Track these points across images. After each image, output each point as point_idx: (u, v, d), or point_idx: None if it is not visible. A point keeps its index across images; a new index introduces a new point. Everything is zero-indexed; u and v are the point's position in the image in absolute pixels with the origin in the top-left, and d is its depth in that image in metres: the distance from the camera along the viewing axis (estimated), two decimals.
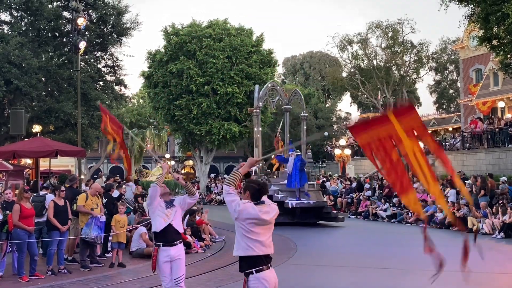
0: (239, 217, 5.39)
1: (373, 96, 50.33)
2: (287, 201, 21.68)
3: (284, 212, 21.11)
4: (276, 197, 21.60)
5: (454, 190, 23.09)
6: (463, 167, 28.11)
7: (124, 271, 12.03)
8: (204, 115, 41.95)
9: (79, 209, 12.17)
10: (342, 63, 52.59)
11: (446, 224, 20.75)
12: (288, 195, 22.16)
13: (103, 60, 32.29)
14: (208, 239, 16.34)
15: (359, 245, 17.07)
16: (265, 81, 43.82)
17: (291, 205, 21.54)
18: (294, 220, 21.74)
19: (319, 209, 22.38)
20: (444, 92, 66.30)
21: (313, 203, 22.06)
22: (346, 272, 12.39)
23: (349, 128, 5.42)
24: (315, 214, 22.53)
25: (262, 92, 24.49)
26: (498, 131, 28.57)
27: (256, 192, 5.61)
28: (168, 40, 42.91)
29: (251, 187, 5.63)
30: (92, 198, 12.36)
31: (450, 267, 4.88)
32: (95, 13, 30.50)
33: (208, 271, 12.08)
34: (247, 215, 5.38)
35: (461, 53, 44.87)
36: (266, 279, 5.31)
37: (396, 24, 47.31)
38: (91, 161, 62.80)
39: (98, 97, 29.98)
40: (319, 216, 22.69)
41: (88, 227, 11.97)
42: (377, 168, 4.93)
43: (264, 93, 24.68)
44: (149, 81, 44.10)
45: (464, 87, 44.17)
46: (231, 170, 5.83)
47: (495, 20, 19.75)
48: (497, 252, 15.18)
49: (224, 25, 43.92)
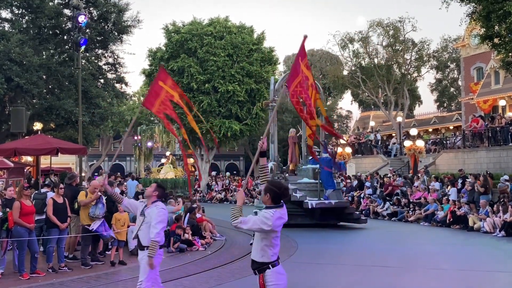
0: (272, 230, 5.43)
1: (374, 94, 50.27)
2: (307, 200, 20.09)
3: (303, 213, 20.31)
4: (295, 197, 20.02)
5: (455, 189, 23.10)
6: (464, 165, 28.08)
7: (125, 269, 12.03)
8: (205, 113, 41.94)
9: (81, 203, 12.15)
10: (343, 61, 52.48)
11: (446, 223, 20.75)
12: (308, 194, 20.57)
13: (104, 57, 32.22)
14: (209, 236, 16.34)
15: (360, 243, 17.07)
16: (266, 79, 43.79)
17: (310, 205, 19.96)
18: (314, 221, 20.42)
19: (340, 209, 20.93)
20: (445, 90, 66.22)
21: (335, 203, 20.51)
22: (347, 270, 12.39)
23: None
24: (336, 215, 21.12)
25: (278, 84, 22.91)
26: (499, 129, 28.54)
27: (276, 196, 5.56)
28: (169, 38, 42.89)
29: (273, 191, 5.56)
30: (92, 196, 12.35)
31: (451, 266, 4.94)
32: (96, 11, 30.43)
33: (209, 269, 12.08)
34: (277, 228, 5.46)
35: (462, 51, 44.81)
36: (282, 273, 5.54)
37: (397, 22, 47.18)
38: (92, 159, 62.83)
39: (99, 94, 29.95)
40: (341, 217, 21.28)
41: (94, 208, 12.02)
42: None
43: (281, 85, 22.82)
44: (150, 79, 44.04)
45: (465, 85, 44.13)
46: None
47: (496, 18, 19.73)
48: (498, 250, 15.18)
49: (225, 23, 43.89)
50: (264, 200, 5.62)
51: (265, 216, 5.38)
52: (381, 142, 40.90)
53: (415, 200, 24.06)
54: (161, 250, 7.19)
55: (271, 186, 5.61)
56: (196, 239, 15.32)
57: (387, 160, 36.07)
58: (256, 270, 5.51)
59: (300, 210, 20.16)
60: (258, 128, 45.60)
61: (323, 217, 20.62)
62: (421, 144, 31.94)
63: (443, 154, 32.45)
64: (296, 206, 20.05)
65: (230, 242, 16.49)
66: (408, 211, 23.69)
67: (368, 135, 41.58)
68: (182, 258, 13.25)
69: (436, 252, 14.87)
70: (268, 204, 5.56)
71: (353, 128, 65.40)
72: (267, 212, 5.42)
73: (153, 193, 7.30)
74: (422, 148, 31.63)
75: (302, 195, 20.25)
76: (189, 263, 12.81)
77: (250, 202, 36.29)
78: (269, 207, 5.52)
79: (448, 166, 30.77)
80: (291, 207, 19.96)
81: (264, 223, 5.36)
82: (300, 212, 20.24)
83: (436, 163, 32.12)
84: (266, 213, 5.42)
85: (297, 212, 20.07)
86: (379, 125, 57.51)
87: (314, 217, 20.47)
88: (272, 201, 5.54)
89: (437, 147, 35.64)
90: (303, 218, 20.33)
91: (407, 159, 33.56)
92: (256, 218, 5.42)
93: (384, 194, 26.51)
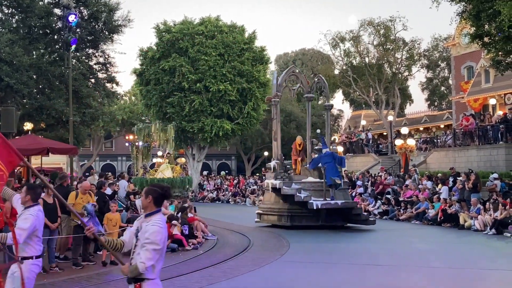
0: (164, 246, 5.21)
1: (365, 93, 50.37)
2: (311, 201, 19.04)
3: (309, 214, 19.43)
4: (299, 197, 19.14)
5: (446, 187, 23.20)
6: (455, 163, 28.20)
7: (116, 269, 11.95)
8: (197, 113, 41.89)
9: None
10: (334, 60, 52.53)
11: (438, 221, 20.83)
12: (313, 194, 19.59)
13: (94, 57, 32.12)
14: (200, 236, 16.30)
15: (351, 241, 17.10)
16: (258, 78, 43.85)
17: (315, 206, 18.89)
18: (319, 223, 19.31)
19: (347, 210, 19.82)
20: (435, 89, 66.49)
21: (341, 203, 19.37)
22: (339, 269, 12.40)
23: None
24: (344, 216, 19.96)
25: (281, 79, 21.72)
26: (489, 128, 28.70)
27: (159, 197, 5.29)
28: (160, 37, 42.81)
29: (156, 192, 5.29)
30: (83, 196, 12.30)
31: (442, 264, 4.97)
32: (86, 10, 30.33)
33: (200, 269, 12.06)
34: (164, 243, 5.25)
35: (452, 50, 45.00)
36: (159, 284, 5.24)
37: (388, 21, 47.28)
38: (83, 159, 62.61)
39: (89, 94, 29.86)
40: (348, 218, 20.08)
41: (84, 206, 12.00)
42: None
43: (284, 79, 21.93)
44: (141, 79, 43.98)
45: (456, 84, 44.32)
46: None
47: (486, 18, 19.83)
48: (489, 248, 15.27)
49: (216, 22, 43.86)
50: (144, 205, 5.31)
51: (158, 239, 5.08)
52: (372, 141, 41.04)
53: (406, 199, 24.14)
54: (37, 260, 6.60)
55: (152, 187, 5.36)
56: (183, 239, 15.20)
57: (378, 159, 36.18)
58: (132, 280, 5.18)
59: (305, 211, 19.43)
60: (250, 127, 45.59)
61: (329, 218, 19.54)
62: (412, 143, 32.07)
63: (434, 152, 32.59)
64: (301, 207, 19.54)
65: (222, 241, 16.47)
66: (399, 209, 23.76)
67: (360, 134, 41.71)
68: (173, 258, 13.22)
69: (427, 250, 14.94)
70: (150, 209, 5.27)
71: (345, 127, 65.49)
72: (153, 234, 5.09)
73: (25, 197, 6.64)
74: (413, 147, 31.76)
75: (306, 195, 19.29)
76: (180, 262, 12.78)
77: (242, 201, 36.32)
78: (151, 213, 5.26)
79: (439, 164, 30.91)
80: (295, 208, 19.69)
81: (158, 247, 5.10)
82: (305, 213, 19.56)
83: (427, 162, 32.26)
84: (152, 235, 5.09)
85: (302, 213, 19.61)
86: (370, 124, 57.64)
87: (319, 218, 19.42)
88: (155, 204, 5.27)
89: (428, 146, 35.81)
90: (308, 219, 19.51)
91: (398, 157, 33.68)
92: (156, 242, 5.08)
93: (375, 193, 26.61)
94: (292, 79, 22.70)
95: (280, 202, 20.32)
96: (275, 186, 20.12)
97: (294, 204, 19.61)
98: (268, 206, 20.89)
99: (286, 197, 19.91)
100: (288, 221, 19.63)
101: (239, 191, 38.56)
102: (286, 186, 19.70)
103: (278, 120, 21.38)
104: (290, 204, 19.76)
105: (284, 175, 20.37)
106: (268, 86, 47.63)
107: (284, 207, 20.06)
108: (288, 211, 19.81)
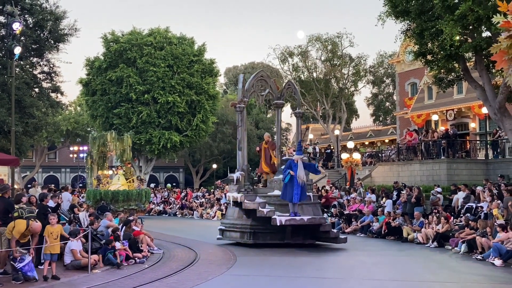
0: None
1: (313, 107, 51.07)
2: (275, 216, 17.21)
3: (272, 231, 17.84)
4: (261, 212, 17.36)
5: (390, 201, 23.68)
6: (399, 177, 28.86)
7: (58, 284, 11.65)
8: (144, 124, 41.47)
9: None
10: (283, 74, 53.11)
11: (382, 234, 21.20)
12: (278, 209, 17.84)
13: (39, 66, 31.46)
14: (146, 250, 16.03)
15: (298, 255, 17.16)
16: (207, 90, 43.81)
17: (279, 222, 17.05)
18: (285, 241, 17.89)
19: (315, 227, 18.10)
20: (380, 104, 68.10)
21: (307, 219, 17.55)
22: (284, 282, 12.43)
23: None
24: (311, 233, 18.41)
25: (248, 84, 19.80)
26: (432, 143, 29.53)
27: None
28: (108, 47, 42.30)
29: None
30: None
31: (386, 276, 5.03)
32: (31, 18, 29.69)
33: (145, 283, 11.85)
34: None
35: (397, 67, 46.19)
36: None
37: (336, 37, 48.24)
38: (25, 170, 60.91)
39: (33, 104, 29.14)
40: (316, 236, 18.57)
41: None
42: None
43: (251, 84, 19.93)
44: (87, 89, 43.27)
45: (400, 100, 45.45)
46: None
47: (429, 36, 20.43)
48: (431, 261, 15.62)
49: (166, 33, 43.70)
50: None
51: None
52: (319, 155, 41.56)
53: (351, 212, 24.49)
54: None
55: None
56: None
57: (325, 172, 36.63)
58: None
59: (270, 227, 17.62)
60: (199, 139, 45.42)
61: (296, 235, 18.07)
62: (358, 157, 32.69)
63: (378, 166, 33.27)
64: (264, 223, 17.81)
65: (167, 255, 16.26)
66: (344, 222, 24.07)
67: (307, 147, 42.16)
68: (118, 272, 12.95)
69: (372, 262, 15.15)
70: None
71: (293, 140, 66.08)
72: None
73: None
74: (358, 161, 32.36)
75: (270, 209, 17.50)
76: (125, 277, 12.53)
77: (189, 214, 36.02)
78: None
79: (383, 178, 31.57)
80: (258, 224, 18.03)
81: None
82: (269, 230, 17.92)
83: (372, 175, 32.88)
84: None
85: (266, 230, 18.01)
86: (318, 137, 58.41)
87: (285, 235, 17.92)
88: None
89: (373, 160, 36.53)
90: (273, 236, 18.03)
91: (344, 171, 34.19)
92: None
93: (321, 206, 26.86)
94: (261, 85, 20.54)
95: (243, 217, 18.49)
96: (237, 200, 18.23)
97: (257, 220, 17.90)
98: (231, 222, 19.07)
99: (249, 212, 18.11)
100: (251, 238, 18.10)
101: (187, 204, 38.24)
102: (248, 200, 17.79)
103: (244, 128, 19.39)
104: (253, 220, 18.06)
105: (248, 188, 18.52)
106: (217, 98, 47.74)
107: (247, 223, 18.30)
108: (251, 227, 18.16)
